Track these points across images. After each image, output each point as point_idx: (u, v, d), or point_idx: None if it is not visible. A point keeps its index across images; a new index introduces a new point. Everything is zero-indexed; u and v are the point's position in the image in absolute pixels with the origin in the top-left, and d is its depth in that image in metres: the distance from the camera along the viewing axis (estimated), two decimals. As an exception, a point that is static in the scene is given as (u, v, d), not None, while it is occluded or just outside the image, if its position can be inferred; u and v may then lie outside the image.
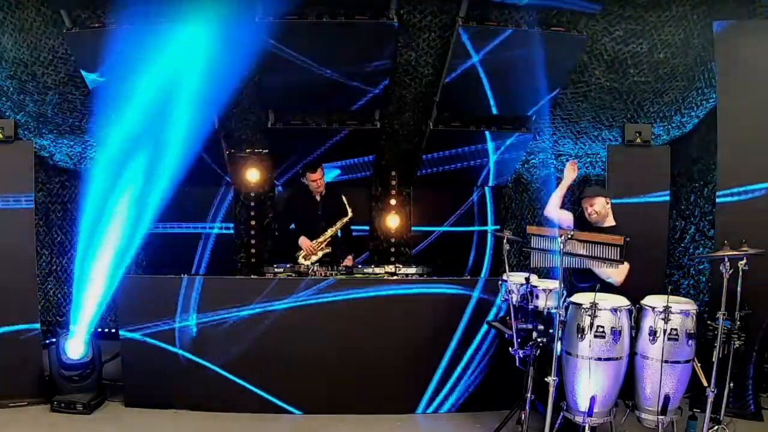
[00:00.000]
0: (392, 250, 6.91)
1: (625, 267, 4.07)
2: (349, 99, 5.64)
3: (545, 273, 4.66)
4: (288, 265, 5.23)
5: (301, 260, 5.37)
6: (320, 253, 5.40)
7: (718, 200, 4.78)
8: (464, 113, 5.88)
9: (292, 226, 5.68)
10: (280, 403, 4.69)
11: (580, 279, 4.29)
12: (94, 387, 4.76)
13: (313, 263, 5.31)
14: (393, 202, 6.91)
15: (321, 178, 5.43)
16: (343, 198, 5.46)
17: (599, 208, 4.38)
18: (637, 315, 3.83)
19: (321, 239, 5.40)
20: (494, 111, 5.82)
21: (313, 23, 4.90)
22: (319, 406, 4.69)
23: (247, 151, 6.55)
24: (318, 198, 5.52)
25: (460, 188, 6.90)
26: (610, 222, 4.43)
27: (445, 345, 4.69)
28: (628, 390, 3.89)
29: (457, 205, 6.96)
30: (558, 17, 5.11)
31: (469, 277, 5.19)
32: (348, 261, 5.49)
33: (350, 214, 5.41)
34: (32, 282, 4.83)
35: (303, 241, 5.39)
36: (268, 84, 5.42)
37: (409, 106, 5.97)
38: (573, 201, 5.99)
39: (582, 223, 4.46)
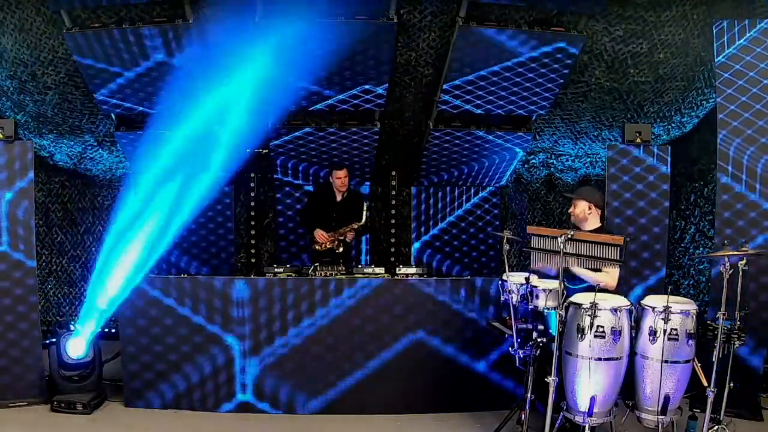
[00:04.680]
0: (392, 250, 6.91)
1: (615, 271, 4.04)
2: (350, 99, 5.64)
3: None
4: (288, 266, 5.25)
5: (316, 247, 5.73)
6: (330, 245, 5.70)
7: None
8: (464, 113, 5.88)
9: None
10: (279, 403, 4.70)
11: (571, 281, 4.24)
12: (95, 387, 4.76)
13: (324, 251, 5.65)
14: (393, 202, 6.91)
15: (345, 177, 5.74)
16: (364, 205, 5.74)
17: (578, 211, 4.35)
18: (637, 315, 3.83)
19: (335, 234, 5.70)
20: (494, 111, 5.84)
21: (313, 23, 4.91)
22: (317, 406, 4.69)
23: (247, 151, 6.54)
24: (339, 198, 5.79)
25: (460, 188, 6.90)
26: (592, 225, 4.36)
27: (445, 345, 4.71)
28: (628, 390, 3.89)
29: (458, 205, 6.97)
30: (558, 17, 5.11)
31: (468, 277, 5.17)
32: (349, 235, 5.75)
33: (363, 221, 5.69)
34: (32, 282, 4.82)
35: (317, 231, 5.71)
36: (268, 84, 5.41)
37: (409, 106, 5.97)
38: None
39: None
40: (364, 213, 5.68)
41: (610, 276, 4.06)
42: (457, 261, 7.01)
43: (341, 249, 5.71)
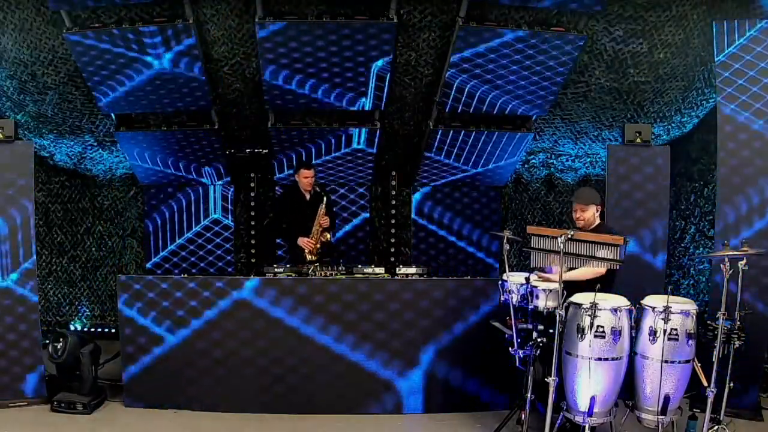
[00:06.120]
0: (392, 250, 6.91)
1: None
2: (349, 99, 5.65)
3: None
4: (288, 265, 5.25)
5: (309, 257, 5.56)
6: (319, 244, 5.62)
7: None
8: (464, 113, 5.88)
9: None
10: (279, 403, 4.70)
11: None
12: (87, 388, 4.69)
13: (315, 260, 5.50)
14: (393, 202, 6.91)
15: (313, 177, 5.69)
16: (326, 192, 5.76)
17: (589, 215, 4.36)
18: (637, 315, 3.83)
19: (313, 232, 5.58)
20: (494, 111, 5.84)
21: (313, 23, 4.91)
22: (317, 407, 4.69)
23: (247, 151, 6.55)
24: (307, 197, 5.72)
25: (460, 188, 6.90)
26: (595, 223, 4.39)
27: (445, 344, 4.71)
28: (628, 390, 3.89)
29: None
30: (558, 17, 5.11)
31: (468, 277, 5.17)
32: (326, 222, 5.64)
33: (325, 199, 5.61)
34: (32, 282, 4.82)
35: (301, 240, 5.58)
36: (268, 84, 5.42)
37: (409, 106, 5.97)
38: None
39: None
40: (324, 194, 5.64)
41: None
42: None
43: (325, 237, 5.66)
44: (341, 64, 5.25)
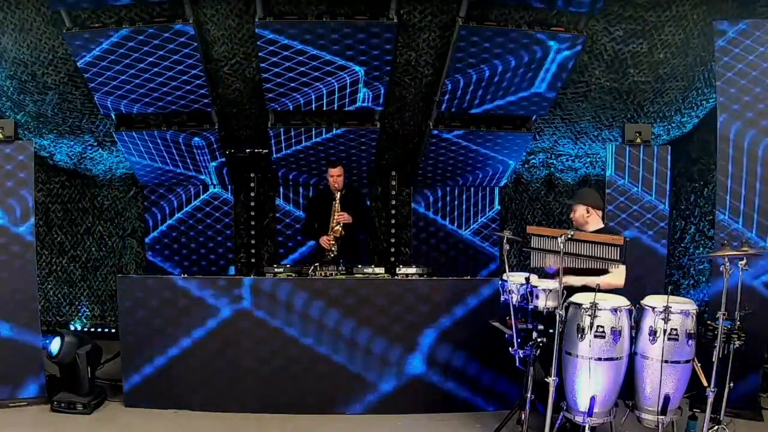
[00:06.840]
0: (392, 250, 6.91)
1: (621, 270, 4.05)
2: (349, 99, 5.65)
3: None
4: (288, 265, 5.25)
5: (328, 255, 5.64)
6: (333, 240, 5.65)
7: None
8: (464, 113, 5.88)
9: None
10: (280, 403, 4.70)
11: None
12: (84, 389, 4.67)
13: (334, 257, 5.60)
14: (393, 202, 6.91)
15: (340, 176, 5.66)
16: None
17: (578, 215, 4.38)
18: (637, 315, 3.83)
19: (330, 229, 5.65)
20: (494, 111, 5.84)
21: (314, 23, 4.91)
22: (318, 406, 4.69)
23: (247, 151, 6.55)
24: (337, 196, 5.70)
25: (460, 188, 6.90)
26: (593, 227, 4.36)
27: (445, 344, 4.71)
28: (628, 390, 3.89)
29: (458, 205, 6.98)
30: (558, 17, 5.11)
31: (469, 277, 5.17)
32: (343, 217, 5.63)
33: (337, 195, 5.63)
34: (32, 282, 4.82)
35: (322, 238, 5.68)
36: (268, 84, 5.42)
37: (409, 106, 5.97)
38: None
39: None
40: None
41: (615, 276, 4.05)
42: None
43: (339, 233, 5.66)
44: (341, 63, 5.25)
